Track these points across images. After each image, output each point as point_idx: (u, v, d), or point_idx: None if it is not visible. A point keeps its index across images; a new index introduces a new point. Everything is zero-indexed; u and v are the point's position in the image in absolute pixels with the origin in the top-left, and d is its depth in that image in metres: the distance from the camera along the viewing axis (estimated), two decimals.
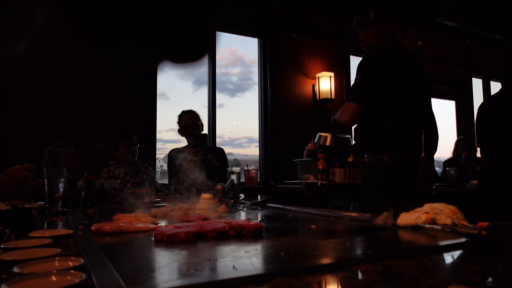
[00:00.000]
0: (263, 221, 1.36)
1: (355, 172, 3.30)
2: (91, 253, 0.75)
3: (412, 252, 0.74)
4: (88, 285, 0.55)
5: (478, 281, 0.56)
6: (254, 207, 1.82)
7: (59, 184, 1.93)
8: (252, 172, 2.48)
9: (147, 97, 4.04)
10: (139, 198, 2.36)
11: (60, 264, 0.64)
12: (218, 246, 0.87)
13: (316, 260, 0.70)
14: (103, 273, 0.59)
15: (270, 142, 4.86)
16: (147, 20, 4.05)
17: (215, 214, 1.48)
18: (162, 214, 1.51)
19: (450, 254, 0.76)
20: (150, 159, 3.82)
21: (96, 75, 3.77)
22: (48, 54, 3.61)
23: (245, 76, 5.33)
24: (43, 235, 0.97)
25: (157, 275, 0.62)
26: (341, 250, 0.80)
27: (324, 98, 4.94)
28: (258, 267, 0.68)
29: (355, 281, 0.58)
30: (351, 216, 1.34)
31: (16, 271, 0.59)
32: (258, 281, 0.57)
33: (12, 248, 0.79)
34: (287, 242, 0.90)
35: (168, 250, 0.84)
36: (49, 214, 1.50)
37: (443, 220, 1.04)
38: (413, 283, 0.54)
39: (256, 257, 0.75)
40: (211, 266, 0.68)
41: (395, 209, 1.16)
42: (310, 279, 0.57)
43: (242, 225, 1.00)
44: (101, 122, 3.74)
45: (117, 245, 0.95)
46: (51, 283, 0.53)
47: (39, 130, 3.47)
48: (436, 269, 0.64)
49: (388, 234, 1.02)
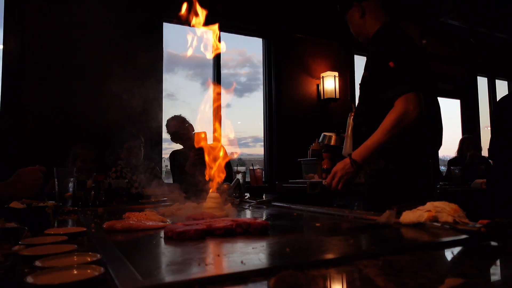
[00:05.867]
0: (269, 219, 1.39)
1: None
2: (106, 249, 0.79)
3: (412, 248, 0.77)
4: (106, 278, 0.58)
5: (473, 274, 0.59)
6: (260, 206, 1.85)
7: (68, 183, 1.97)
8: (257, 171, 2.52)
9: (153, 97, 4.08)
10: (146, 197, 2.41)
11: (78, 259, 0.67)
12: (226, 243, 0.90)
13: (320, 255, 0.74)
14: (119, 267, 0.63)
15: (275, 141, 4.89)
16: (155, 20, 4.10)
17: (222, 212, 1.51)
18: (170, 213, 1.55)
19: (450, 250, 0.79)
20: (156, 159, 3.87)
21: (104, 75, 3.82)
22: (56, 55, 3.67)
23: (254, 76, 5.37)
24: (58, 233, 1.01)
25: (170, 269, 0.66)
26: (345, 246, 0.83)
27: (329, 97, 4.96)
28: (265, 262, 0.72)
29: (358, 274, 0.61)
30: (355, 215, 1.37)
31: (38, 265, 0.63)
32: (265, 274, 0.60)
33: (30, 244, 0.83)
34: (292, 239, 0.94)
35: (178, 247, 0.87)
36: (60, 213, 1.54)
37: (444, 218, 1.07)
38: (412, 276, 0.57)
39: (263, 252, 0.79)
40: (221, 261, 0.72)
41: (398, 207, 1.19)
42: (314, 272, 0.61)
43: (248, 223, 1.03)
44: (108, 122, 3.78)
45: (129, 242, 0.99)
46: (73, 276, 0.57)
47: (47, 130, 3.52)
48: (435, 264, 0.67)
49: (390, 232, 1.05)
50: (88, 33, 3.78)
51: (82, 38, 3.76)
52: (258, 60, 5.13)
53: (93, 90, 3.77)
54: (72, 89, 3.69)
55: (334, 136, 3.81)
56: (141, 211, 1.46)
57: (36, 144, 3.44)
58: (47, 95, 3.60)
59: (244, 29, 4.90)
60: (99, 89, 3.79)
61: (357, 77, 5.52)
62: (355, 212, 1.44)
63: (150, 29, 4.11)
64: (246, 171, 2.52)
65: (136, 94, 3.91)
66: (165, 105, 4.20)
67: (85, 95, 3.73)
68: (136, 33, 3.98)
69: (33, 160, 2.19)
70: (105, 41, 3.83)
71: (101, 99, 3.80)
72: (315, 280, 0.57)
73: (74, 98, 3.69)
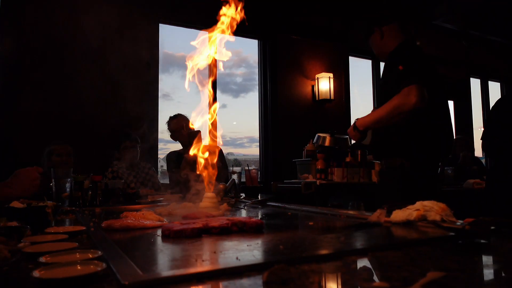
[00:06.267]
0: (264, 218, 1.43)
1: (352, 172, 3.37)
2: (106, 247, 0.82)
3: (399, 244, 0.81)
4: (108, 273, 0.62)
5: (455, 268, 0.63)
6: (255, 205, 1.88)
7: (66, 184, 2.00)
8: (252, 171, 2.55)
9: (149, 98, 4.11)
10: (143, 197, 2.43)
11: (81, 256, 0.70)
12: (222, 241, 0.94)
13: (311, 252, 0.77)
14: (120, 263, 0.66)
15: (270, 142, 4.94)
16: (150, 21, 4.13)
17: (218, 212, 1.54)
18: (167, 212, 1.58)
19: (436, 246, 0.83)
20: (152, 159, 3.89)
21: (99, 75, 3.84)
22: (52, 56, 3.68)
23: (249, 77, 5.40)
24: (58, 231, 1.04)
25: (168, 264, 0.69)
26: (336, 244, 0.87)
27: (323, 98, 5.01)
28: (259, 258, 0.75)
29: (346, 268, 0.65)
30: (347, 214, 1.41)
31: (42, 261, 0.66)
32: (258, 269, 0.63)
33: (33, 242, 0.85)
34: (286, 237, 0.97)
35: (175, 244, 0.90)
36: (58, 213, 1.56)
37: (433, 216, 1.12)
38: (396, 270, 0.61)
39: (257, 249, 0.82)
40: (216, 258, 0.75)
41: (388, 206, 1.23)
42: (305, 267, 0.64)
43: (244, 221, 1.07)
44: (103, 122, 3.80)
45: (128, 240, 1.02)
46: (77, 271, 0.60)
47: (43, 131, 3.54)
48: (420, 259, 0.70)
49: (381, 230, 1.08)
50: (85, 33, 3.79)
51: (78, 39, 3.78)
52: (254, 60, 5.16)
53: (89, 91, 3.79)
54: (68, 90, 3.71)
55: (328, 137, 3.85)
56: (138, 211, 1.49)
57: (33, 144, 3.45)
58: (44, 96, 3.61)
59: (240, 31, 4.92)
60: (95, 90, 3.81)
61: (352, 78, 5.57)
62: (347, 211, 1.47)
63: (146, 30, 4.13)
64: (241, 171, 2.55)
65: (132, 94, 3.94)
66: (161, 105, 4.23)
67: (81, 96, 3.75)
68: (132, 33, 4.00)
69: (30, 161, 2.21)
70: (101, 41, 3.84)
71: (98, 99, 3.82)
72: (306, 274, 0.61)
73: (71, 99, 3.71)
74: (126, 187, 2.97)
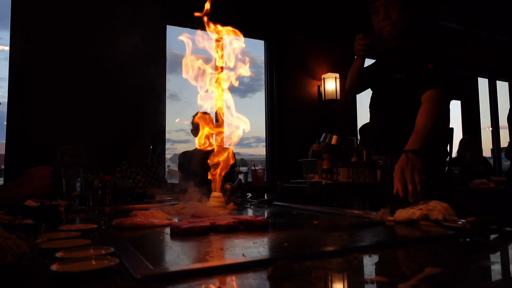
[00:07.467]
0: (269, 217, 1.45)
1: (358, 172, 3.39)
2: (118, 243, 0.86)
3: (401, 242, 0.83)
4: (121, 268, 0.65)
5: (453, 265, 0.65)
6: (261, 205, 1.91)
7: (76, 183, 2.04)
8: (259, 171, 2.58)
9: (157, 98, 4.15)
10: (151, 196, 2.47)
11: (94, 252, 0.74)
12: (229, 239, 0.97)
13: (315, 249, 0.80)
14: (132, 258, 0.70)
15: (276, 142, 4.96)
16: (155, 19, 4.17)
17: (225, 211, 1.58)
18: (175, 212, 1.61)
19: (436, 245, 0.85)
20: (159, 159, 3.94)
21: (108, 75, 3.89)
22: (62, 56, 3.74)
23: (256, 76, 5.42)
24: (70, 229, 1.08)
25: (178, 260, 0.73)
26: (339, 242, 0.89)
27: (330, 99, 5.02)
28: (264, 254, 0.78)
29: (347, 265, 0.68)
30: (352, 213, 1.43)
31: (58, 256, 0.69)
32: (263, 265, 0.66)
33: (49, 239, 0.89)
34: (290, 235, 1.00)
35: (184, 242, 0.94)
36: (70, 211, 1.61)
37: (435, 216, 1.14)
38: (396, 266, 0.64)
39: (263, 247, 0.85)
40: (223, 254, 0.78)
41: (392, 205, 1.26)
42: (309, 263, 0.67)
43: (250, 220, 1.10)
44: (112, 122, 3.86)
45: (138, 238, 1.05)
46: (92, 265, 0.64)
47: (52, 130, 3.60)
48: (420, 256, 0.73)
49: (384, 229, 1.11)
50: (93, 34, 3.85)
51: (88, 40, 3.83)
52: (261, 60, 5.19)
53: (97, 91, 3.84)
54: (77, 89, 3.76)
55: (335, 136, 3.87)
56: (147, 210, 1.53)
57: (44, 144, 3.51)
58: (53, 95, 3.67)
59: (246, 32, 4.95)
60: (103, 90, 3.87)
61: None
62: (352, 211, 1.50)
63: (155, 31, 4.19)
64: (248, 171, 2.58)
65: (140, 94, 3.99)
66: (168, 105, 4.27)
67: (90, 96, 3.81)
68: (141, 34, 4.04)
69: (42, 161, 2.26)
70: (109, 41, 3.89)
71: (106, 99, 3.87)
72: (309, 270, 0.64)
73: (80, 98, 3.77)
74: (135, 187, 3.02)
